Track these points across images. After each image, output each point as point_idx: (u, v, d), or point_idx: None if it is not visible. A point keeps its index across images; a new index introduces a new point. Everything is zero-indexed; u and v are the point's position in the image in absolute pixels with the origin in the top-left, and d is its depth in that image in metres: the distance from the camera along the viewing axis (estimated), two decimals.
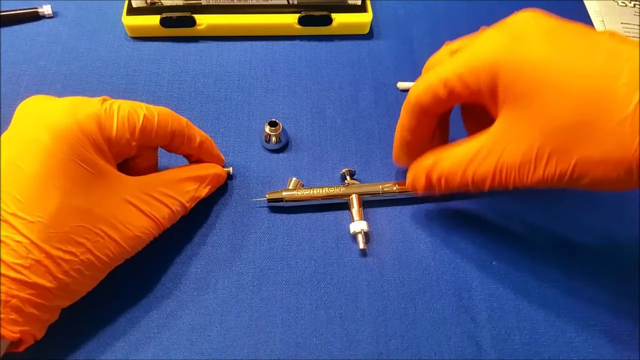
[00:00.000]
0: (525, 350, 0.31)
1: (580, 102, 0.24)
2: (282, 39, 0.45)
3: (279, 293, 0.33)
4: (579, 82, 0.24)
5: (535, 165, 0.26)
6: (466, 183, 0.29)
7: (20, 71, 0.41)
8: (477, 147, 0.28)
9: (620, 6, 0.49)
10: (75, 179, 0.26)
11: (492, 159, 0.27)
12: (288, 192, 0.35)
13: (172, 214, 0.31)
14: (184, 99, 0.41)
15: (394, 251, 0.35)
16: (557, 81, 0.25)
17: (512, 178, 0.27)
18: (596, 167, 0.25)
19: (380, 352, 0.31)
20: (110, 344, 0.30)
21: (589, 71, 0.24)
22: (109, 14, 0.45)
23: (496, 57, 0.26)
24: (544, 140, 0.25)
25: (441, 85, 0.28)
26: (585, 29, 0.27)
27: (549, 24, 0.27)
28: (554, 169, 0.25)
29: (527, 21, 0.27)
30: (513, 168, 0.27)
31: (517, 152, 0.26)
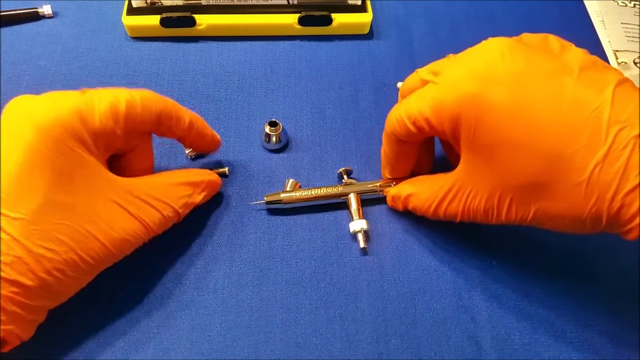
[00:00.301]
0: (525, 350, 0.31)
1: (540, 162, 0.25)
2: (282, 39, 0.45)
3: (279, 293, 0.33)
4: (540, 142, 0.25)
5: (498, 210, 0.28)
6: (438, 217, 0.32)
7: (20, 71, 0.41)
8: (446, 188, 0.30)
9: (620, 6, 0.49)
10: (60, 174, 0.26)
11: (460, 202, 0.29)
12: (286, 193, 0.35)
13: (163, 220, 0.30)
14: (184, 99, 0.41)
15: (394, 251, 0.35)
16: (518, 139, 0.25)
17: (479, 218, 0.29)
18: (554, 219, 0.26)
19: (380, 352, 0.31)
20: (110, 343, 0.30)
21: (550, 130, 0.25)
22: (109, 14, 0.45)
23: (460, 106, 0.27)
24: (504, 190, 0.27)
25: (410, 122, 0.29)
26: (553, 66, 0.26)
27: (516, 64, 0.26)
28: (515, 215, 0.27)
29: (496, 59, 0.26)
30: (478, 211, 0.29)
31: (480, 197, 0.28)
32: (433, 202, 0.31)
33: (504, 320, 0.32)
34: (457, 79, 0.27)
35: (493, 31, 0.46)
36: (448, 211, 0.30)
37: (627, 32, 0.47)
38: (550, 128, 0.25)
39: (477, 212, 0.29)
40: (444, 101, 0.27)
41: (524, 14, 0.48)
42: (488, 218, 0.29)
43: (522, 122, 0.25)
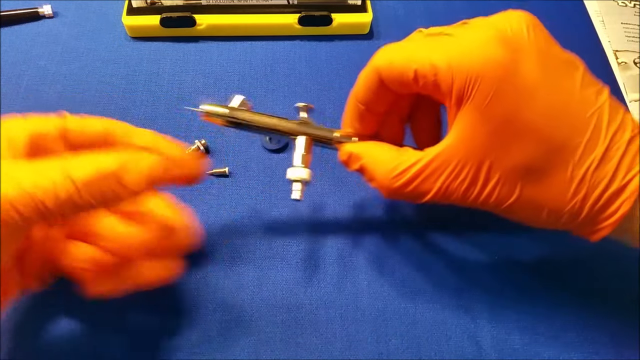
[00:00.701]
0: (526, 350, 0.31)
1: (544, 147, 0.25)
2: (282, 39, 0.45)
3: (279, 293, 0.33)
4: (550, 127, 0.24)
5: (481, 188, 0.26)
6: (400, 194, 0.27)
7: (20, 71, 0.41)
8: (426, 160, 0.26)
9: (620, 6, 0.49)
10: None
11: (440, 177, 0.26)
12: (229, 109, 0.29)
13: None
14: (184, 99, 0.41)
15: (394, 250, 0.35)
16: (532, 119, 0.24)
17: (454, 197, 0.26)
18: (532, 209, 0.26)
19: (381, 352, 0.31)
20: (110, 343, 0.30)
21: (563, 117, 0.25)
22: (109, 14, 0.45)
23: (485, 67, 0.24)
24: (496, 167, 0.25)
25: (412, 68, 0.26)
26: (566, 56, 0.26)
27: (540, 42, 0.25)
28: (496, 196, 0.26)
29: (522, 31, 0.25)
30: (459, 189, 0.26)
31: (467, 172, 0.25)
32: (403, 175, 0.26)
33: (504, 320, 0.32)
34: (484, 39, 0.25)
35: None
36: (420, 188, 0.26)
37: (627, 32, 0.47)
38: (562, 116, 0.24)
39: (457, 190, 0.26)
40: (466, 57, 0.25)
41: None
42: (466, 196, 0.26)
43: (541, 103, 0.24)
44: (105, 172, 0.22)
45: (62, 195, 0.21)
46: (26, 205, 0.21)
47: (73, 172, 0.22)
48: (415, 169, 0.26)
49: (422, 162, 0.26)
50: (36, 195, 0.21)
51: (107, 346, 0.30)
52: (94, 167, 0.22)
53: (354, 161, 0.29)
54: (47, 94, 0.41)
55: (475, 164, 0.25)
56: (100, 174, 0.22)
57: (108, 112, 0.40)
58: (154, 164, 0.24)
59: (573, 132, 0.24)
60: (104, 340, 0.31)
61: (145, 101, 0.41)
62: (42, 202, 0.21)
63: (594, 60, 0.45)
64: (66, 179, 0.21)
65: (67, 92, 0.41)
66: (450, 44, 0.26)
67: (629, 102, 0.42)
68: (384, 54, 0.28)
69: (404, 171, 0.26)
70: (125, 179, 0.23)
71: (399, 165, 0.27)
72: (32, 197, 0.21)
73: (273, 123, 0.30)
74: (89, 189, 0.22)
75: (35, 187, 0.21)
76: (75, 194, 0.21)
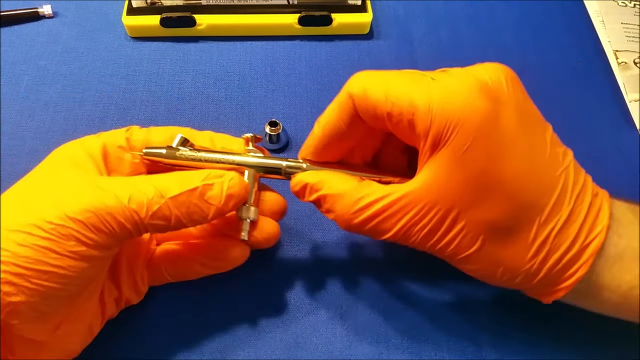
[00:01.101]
0: (526, 350, 0.31)
1: (514, 205, 0.24)
2: (282, 39, 0.45)
3: (279, 293, 0.33)
4: (522, 184, 0.24)
5: (442, 235, 0.25)
6: (359, 229, 0.26)
7: (20, 71, 0.41)
8: (393, 197, 0.25)
9: (620, 6, 0.49)
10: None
11: (403, 217, 0.25)
12: (171, 149, 0.28)
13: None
14: (184, 99, 0.41)
15: (394, 251, 0.35)
16: (505, 174, 0.24)
17: (413, 240, 0.25)
18: (490, 264, 0.25)
19: (381, 352, 0.31)
20: (110, 343, 0.30)
21: (534, 175, 0.24)
22: (109, 14, 0.45)
23: (467, 113, 0.23)
24: (462, 216, 0.24)
25: (389, 103, 0.25)
26: (538, 114, 0.26)
27: (517, 96, 0.25)
28: (456, 245, 0.25)
29: (502, 84, 0.25)
30: (420, 231, 0.25)
31: (432, 216, 0.24)
32: (365, 211, 0.25)
33: (505, 320, 0.32)
34: (466, 86, 0.24)
35: (493, 31, 0.46)
36: (380, 226, 0.25)
37: (627, 32, 0.47)
38: (535, 173, 0.24)
39: (417, 234, 0.25)
40: (448, 101, 0.24)
41: (524, 14, 0.48)
42: (425, 241, 0.25)
43: (516, 157, 0.24)
44: (190, 187, 0.25)
45: (153, 207, 0.24)
46: (123, 215, 0.23)
47: (162, 187, 0.24)
48: (379, 206, 0.25)
49: (387, 200, 0.25)
50: (131, 206, 0.23)
51: (105, 343, 0.30)
52: (181, 183, 0.25)
53: (310, 192, 0.28)
54: (47, 94, 0.41)
55: (442, 210, 0.24)
56: (186, 189, 0.25)
57: (108, 112, 0.40)
58: (235, 182, 0.26)
59: (543, 191, 0.24)
60: (102, 336, 0.31)
61: (145, 101, 0.41)
62: (136, 213, 0.23)
63: (594, 60, 0.45)
64: (157, 193, 0.24)
65: (67, 92, 0.41)
66: (432, 85, 0.24)
67: (629, 102, 0.42)
68: (359, 80, 0.26)
69: (365, 206, 0.25)
70: (208, 194, 0.25)
71: (361, 199, 0.25)
72: (128, 208, 0.23)
73: (215, 158, 0.28)
74: (176, 203, 0.24)
75: (130, 199, 0.23)
76: (164, 207, 0.24)
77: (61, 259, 0.22)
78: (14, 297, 0.22)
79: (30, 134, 0.38)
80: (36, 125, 0.39)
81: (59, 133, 0.39)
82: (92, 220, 0.22)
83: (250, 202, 0.28)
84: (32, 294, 0.22)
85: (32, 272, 0.22)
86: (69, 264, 0.22)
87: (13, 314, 0.22)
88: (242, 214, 0.28)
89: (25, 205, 0.23)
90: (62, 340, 0.25)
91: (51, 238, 0.22)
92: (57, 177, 0.25)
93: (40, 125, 0.39)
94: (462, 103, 0.24)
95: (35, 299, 0.22)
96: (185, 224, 0.25)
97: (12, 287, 0.21)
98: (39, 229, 0.22)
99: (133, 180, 0.25)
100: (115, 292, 0.28)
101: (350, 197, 0.26)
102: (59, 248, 0.22)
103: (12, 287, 0.21)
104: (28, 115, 0.39)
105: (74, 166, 0.25)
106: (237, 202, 0.27)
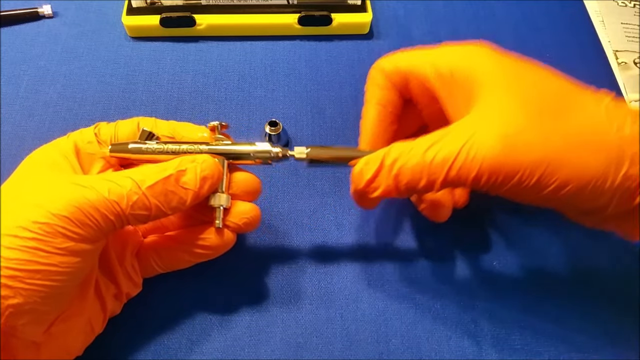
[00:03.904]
0: (526, 350, 0.31)
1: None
2: (282, 39, 0.45)
3: (278, 292, 0.33)
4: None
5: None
6: (420, 172, 0.24)
7: (20, 71, 0.41)
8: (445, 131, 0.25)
9: (620, 6, 0.49)
10: None
11: (460, 139, 0.24)
12: (136, 145, 0.28)
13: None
14: (184, 99, 0.41)
15: (395, 251, 0.35)
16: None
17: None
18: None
19: (381, 352, 0.31)
20: (109, 343, 0.30)
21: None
22: (108, 14, 0.45)
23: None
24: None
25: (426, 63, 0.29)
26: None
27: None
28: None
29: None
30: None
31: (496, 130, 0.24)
32: (423, 147, 0.25)
33: (505, 320, 0.32)
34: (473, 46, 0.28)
35: (493, 31, 0.46)
36: (440, 155, 0.24)
37: (627, 32, 0.47)
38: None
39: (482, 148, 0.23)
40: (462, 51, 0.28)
41: (524, 14, 0.48)
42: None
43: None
44: (164, 175, 0.26)
45: (132, 198, 0.24)
46: (105, 207, 0.24)
47: (138, 178, 0.25)
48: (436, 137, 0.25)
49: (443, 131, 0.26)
50: (112, 198, 0.24)
51: (104, 343, 0.30)
52: (155, 172, 0.26)
53: (389, 168, 0.26)
54: (46, 93, 0.41)
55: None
56: (161, 178, 0.25)
57: (108, 112, 0.40)
58: (207, 164, 0.27)
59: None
60: (101, 336, 0.31)
61: (145, 101, 0.41)
62: (117, 204, 0.24)
63: (594, 60, 0.45)
64: (134, 184, 0.25)
65: (66, 92, 0.41)
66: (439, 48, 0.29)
67: (629, 102, 0.42)
68: (379, 61, 0.30)
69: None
70: (183, 180, 0.26)
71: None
72: (109, 200, 0.24)
73: (183, 149, 0.28)
74: (153, 193, 0.25)
75: (109, 192, 0.24)
76: (143, 197, 0.25)
77: (51, 256, 0.22)
78: (12, 300, 0.22)
79: (30, 134, 0.38)
80: (36, 125, 0.39)
81: (59, 133, 0.38)
82: (77, 215, 0.23)
83: (221, 189, 0.28)
84: (28, 294, 0.22)
85: (25, 273, 0.22)
86: (60, 261, 0.23)
87: (13, 317, 0.22)
88: (213, 201, 0.28)
89: (8, 210, 0.23)
90: (59, 339, 0.25)
91: (38, 238, 0.22)
92: (35, 180, 0.25)
93: (40, 125, 0.39)
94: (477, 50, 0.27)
95: (32, 299, 0.22)
96: (165, 212, 0.26)
97: (9, 290, 0.22)
98: (25, 230, 0.22)
99: (110, 175, 0.26)
100: (113, 288, 0.28)
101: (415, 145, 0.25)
102: (48, 246, 0.22)
103: (8, 290, 0.22)
104: (28, 115, 0.39)
105: (50, 167, 0.26)
106: (212, 184, 0.27)
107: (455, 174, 0.24)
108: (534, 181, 0.23)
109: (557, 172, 0.23)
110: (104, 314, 0.28)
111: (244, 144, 0.29)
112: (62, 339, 0.26)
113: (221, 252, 0.29)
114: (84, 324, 0.27)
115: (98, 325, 0.28)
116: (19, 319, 0.22)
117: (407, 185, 0.25)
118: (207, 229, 0.28)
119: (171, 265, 0.30)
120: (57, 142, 0.28)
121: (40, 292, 0.22)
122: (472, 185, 0.24)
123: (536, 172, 0.23)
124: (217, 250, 0.29)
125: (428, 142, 0.25)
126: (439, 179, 0.24)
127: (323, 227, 0.35)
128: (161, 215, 0.26)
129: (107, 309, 0.28)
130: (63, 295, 0.24)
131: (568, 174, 0.23)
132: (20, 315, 0.22)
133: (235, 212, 0.29)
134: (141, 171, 0.26)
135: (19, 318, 0.22)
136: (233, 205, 0.29)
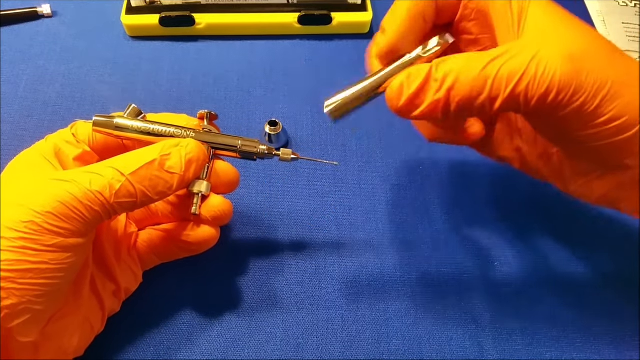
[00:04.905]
0: (527, 351, 0.31)
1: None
2: (282, 38, 0.45)
3: (279, 293, 0.33)
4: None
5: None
6: (481, 86, 0.22)
7: (19, 71, 0.41)
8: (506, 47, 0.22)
9: (621, 6, 0.49)
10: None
11: (527, 54, 0.22)
12: (122, 119, 0.28)
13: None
14: (184, 98, 0.41)
15: (395, 251, 0.35)
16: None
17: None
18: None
19: (382, 353, 0.31)
20: (109, 343, 0.30)
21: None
22: (108, 14, 0.45)
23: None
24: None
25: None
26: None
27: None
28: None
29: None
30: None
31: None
32: (483, 60, 0.22)
33: (506, 320, 0.32)
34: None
35: None
36: (505, 69, 0.22)
37: (628, 32, 0.47)
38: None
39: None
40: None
41: None
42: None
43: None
44: (148, 160, 0.25)
45: (115, 186, 0.24)
46: (89, 199, 0.23)
47: (120, 166, 0.24)
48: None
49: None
50: (95, 189, 0.23)
51: (104, 343, 0.30)
52: (138, 158, 0.25)
53: (441, 82, 0.23)
54: (46, 93, 0.40)
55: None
56: (144, 163, 0.25)
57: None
58: (192, 147, 0.27)
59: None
60: (101, 336, 0.30)
61: (145, 101, 0.40)
62: (101, 194, 0.23)
63: None
64: (116, 172, 0.24)
65: (66, 92, 0.41)
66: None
67: None
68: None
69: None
70: (168, 164, 0.26)
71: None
72: (91, 191, 0.23)
73: (169, 132, 0.28)
74: (137, 179, 0.25)
75: (91, 183, 0.24)
76: (127, 184, 0.24)
77: (41, 254, 0.22)
78: (6, 301, 0.22)
79: (29, 134, 0.38)
80: (35, 125, 0.39)
81: None
82: (61, 210, 0.23)
83: (203, 177, 0.28)
84: (22, 294, 0.22)
85: (16, 273, 0.22)
86: (50, 258, 0.23)
87: (8, 318, 0.22)
88: (193, 187, 0.28)
89: None
90: (55, 338, 0.25)
91: (25, 237, 0.22)
92: (17, 182, 0.25)
93: (39, 124, 0.39)
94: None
95: (26, 298, 0.22)
96: (152, 198, 0.25)
97: (2, 292, 0.22)
98: (11, 230, 0.22)
99: (91, 167, 0.25)
100: (111, 285, 0.28)
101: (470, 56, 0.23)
102: (36, 244, 0.22)
103: (1, 291, 0.22)
104: (27, 115, 0.39)
105: (31, 169, 0.26)
106: (198, 167, 0.27)
107: (524, 88, 0.22)
108: (595, 106, 0.22)
109: (616, 99, 0.22)
110: (103, 312, 0.28)
111: (231, 136, 0.29)
112: (58, 338, 0.26)
113: (204, 248, 0.29)
114: (80, 323, 0.27)
115: (97, 324, 0.28)
116: (15, 319, 0.22)
117: (460, 102, 0.23)
118: (189, 224, 0.29)
119: (167, 257, 0.30)
120: (36, 145, 0.28)
121: (33, 291, 0.22)
122: (535, 105, 0.22)
123: (599, 94, 0.22)
124: (199, 247, 0.29)
125: (487, 57, 0.22)
126: (503, 95, 0.22)
127: (323, 227, 0.35)
128: (148, 201, 0.25)
129: (105, 307, 0.28)
130: (57, 292, 0.24)
131: (624, 105, 0.22)
132: (16, 315, 0.22)
133: (206, 205, 0.29)
134: (123, 159, 0.25)
135: (15, 318, 0.22)
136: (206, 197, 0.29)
